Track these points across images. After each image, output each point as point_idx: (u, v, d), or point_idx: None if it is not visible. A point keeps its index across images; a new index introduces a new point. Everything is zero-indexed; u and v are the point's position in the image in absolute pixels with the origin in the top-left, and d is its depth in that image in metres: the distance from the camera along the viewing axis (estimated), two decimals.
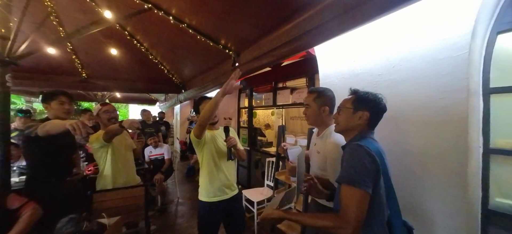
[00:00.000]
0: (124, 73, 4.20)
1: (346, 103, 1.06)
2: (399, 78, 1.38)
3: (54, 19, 2.47)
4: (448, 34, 1.18)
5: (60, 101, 1.67)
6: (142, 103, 9.06)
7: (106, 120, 1.83)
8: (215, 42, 2.51)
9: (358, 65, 1.61)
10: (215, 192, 1.58)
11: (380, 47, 1.48)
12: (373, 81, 1.51)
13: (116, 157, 1.81)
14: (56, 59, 3.24)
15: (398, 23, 1.39)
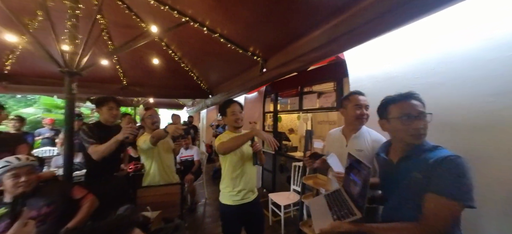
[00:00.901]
0: (158, 80, 4.56)
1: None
2: (438, 80, 1.32)
3: (105, 35, 2.83)
4: (498, 32, 1.11)
5: (109, 107, 1.90)
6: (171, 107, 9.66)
7: (150, 124, 2.04)
8: (244, 49, 2.63)
9: (392, 68, 1.57)
10: (238, 195, 1.61)
11: (416, 48, 1.43)
12: (409, 84, 1.46)
13: (161, 158, 2.00)
14: (103, 69, 3.67)
15: (437, 22, 1.33)
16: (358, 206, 0.95)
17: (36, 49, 1.83)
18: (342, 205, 1.03)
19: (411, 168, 0.92)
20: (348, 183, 1.15)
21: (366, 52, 1.76)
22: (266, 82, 2.82)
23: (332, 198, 1.16)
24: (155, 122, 2.06)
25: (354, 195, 1.03)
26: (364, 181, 0.94)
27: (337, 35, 1.61)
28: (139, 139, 1.97)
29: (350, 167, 1.18)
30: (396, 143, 1.06)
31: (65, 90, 1.79)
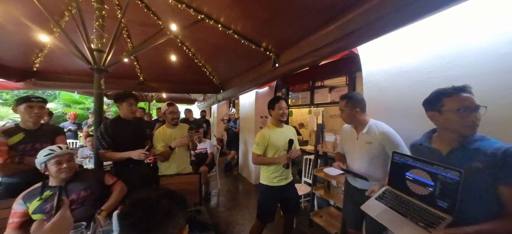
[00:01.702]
0: (173, 76, 4.72)
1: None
2: (453, 74, 1.34)
3: (125, 33, 2.98)
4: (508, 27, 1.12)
5: (129, 103, 2.02)
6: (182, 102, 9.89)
7: (171, 119, 2.19)
8: (257, 45, 2.70)
9: (405, 62, 1.60)
10: (274, 179, 1.91)
11: (430, 41, 1.45)
12: (423, 78, 1.49)
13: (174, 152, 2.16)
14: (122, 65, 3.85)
15: (451, 15, 1.35)
16: (442, 208, 0.94)
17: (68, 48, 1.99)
18: (419, 210, 1.00)
19: (467, 158, 0.95)
20: (402, 183, 1.12)
21: (380, 47, 1.79)
22: (278, 77, 2.88)
23: (393, 202, 1.10)
24: (175, 118, 2.21)
25: (425, 197, 1.01)
26: (456, 184, 0.90)
27: (351, 30, 1.64)
28: (157, 131, 2.13)
29: (403, 166, 1.14)
30: (446, 134, 1.06)
31: (95, 86, 1.95)
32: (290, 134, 1.99)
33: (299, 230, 2.72)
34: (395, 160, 1.19)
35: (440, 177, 0.96)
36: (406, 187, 1.11)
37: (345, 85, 2.86)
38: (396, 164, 1.18)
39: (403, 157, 1.15)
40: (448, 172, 0.93)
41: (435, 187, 0.97)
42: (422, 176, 1.04)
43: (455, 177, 0.90)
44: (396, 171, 1.17)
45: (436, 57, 1.42)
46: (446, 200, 0.93)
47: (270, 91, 4.35)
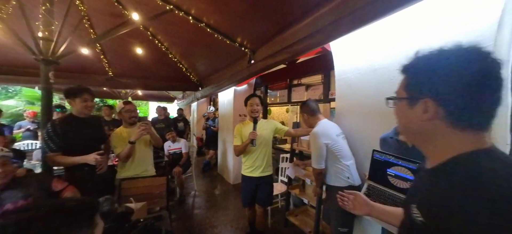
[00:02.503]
0: (146, 71, 4.44)
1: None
2: None
3: (86, 22, 2.70)
4: (473, 25, 1.14)
5: (83, 99, 1.80)
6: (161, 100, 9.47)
7: (128, 118, 2.00)
8: (232, 40, 2.59)
9: (375, 60, 1.59)
10: (247, 169, 2.18)
11: (397, 40, 1.45)
12: (391, 76, 1.49)
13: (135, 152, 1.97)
14: (86, 59, 3.53)
15: (418, 14, 1.35)
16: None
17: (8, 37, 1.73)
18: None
19: None
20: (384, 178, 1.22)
21: (351, 45, 1.77)
22: (255, 74, 2.80)
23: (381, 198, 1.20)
24: (133, 117, 2.02)
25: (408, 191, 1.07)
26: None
27: (322, 26, 1.60)
28: (113, 133, 1.95)
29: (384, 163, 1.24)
30: None
31: (41, 80, 1.71)
32: (265, 126, 2.17)
33: (275, 229, 2.68)
34: (376, 157, 1.28)
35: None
36: (388, 182, 1.21)
37: (321, 83, 2.85)
38: (376, 161, 1.29)
39: (384, 155, 1.25)
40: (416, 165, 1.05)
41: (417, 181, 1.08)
42: (403, 172, 1.15)
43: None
44: (377, 168, 1.27)
45: (403, 55, 1.41)
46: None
47: (249, 89, 4.26)
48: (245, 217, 2.92)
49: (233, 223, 2.85)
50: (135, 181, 1.94)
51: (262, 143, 2.11)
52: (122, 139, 1.92)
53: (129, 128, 2.01)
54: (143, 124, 1.88)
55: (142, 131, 1.87)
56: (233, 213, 3.12)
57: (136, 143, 1.92)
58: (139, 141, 1.96)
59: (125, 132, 1.97)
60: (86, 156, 1.70)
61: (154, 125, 4.66)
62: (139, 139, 1.91)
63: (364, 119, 1.67)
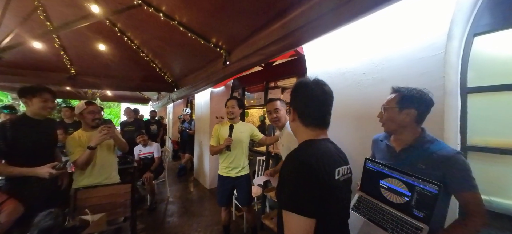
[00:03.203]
0: (115, 70, 4.14)
1: (390, 102, 1.07)
2: (381, 77, 1.41)
3: (41, 13, 2.42)
4: (426, 34, 1.23)
5: (44, 98, 1.61)
6: (134, 102, 8.93)
7: (90, 120, 1.81)
8: (206, 40, 2.51)
9: (343, 65, 1.64)
10: (224, 169, 2.20)
11: (364, 46, 1.52)
12: (358, 80, 1.55)
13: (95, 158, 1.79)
14: (43, 55, 3.17)
15: (381, 23, 1.43)
16: (419, 218, 0.93)
17: None
18: (397, 221, 0.98)
19: (414, 158, 1.01)
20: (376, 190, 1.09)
21: (321, 49, 1.82)
22: (230, 75, 2.75)
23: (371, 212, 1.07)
24: (96, 119, 1.83)
25: (401, 206, 0.99)
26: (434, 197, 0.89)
27: (293, 29, 1.62)
28: (70, 137, 1.75)
29: (377, 173, 1.10)
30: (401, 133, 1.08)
31: None
32: (242, 129, 2.20)
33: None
34: (368, 166, 1.15)
35: (418, 189, 0.94)
36: (380, 195, 1.08)
37: None
38: (369, 171, 1.15)
39: (377, 165, 1.11)
40: (426, 184, 0.92)
41: (411, 197, 0.95)
42: (397, 185, 1.02)
43: (434, 190, 0.89)
44: (369, 178, 1.14)
45: (368, 60, 1.49)
46: (422, 211, 0.92)
47: (227, 90, 4.19)
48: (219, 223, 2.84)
49: (207, 229, 2.75)
50: (93, 190, 1.75)
51: (238, 145, 2.16)
52: (80, 144, 1.72)
53: (89, 132, 1.81)
54: (105, 127, 1.71)
55: (104, 135, 1.69)
56: (208, 219, 3.01)
57: (97, 149, 1.74)
58: (100, 146, 1.78)
59: (84, 136, 1.77)
60: (38, 168, 1.49)
61: (123, 128, 4.35)
62: (100, 144, 1.73)
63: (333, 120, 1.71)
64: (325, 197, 0.69)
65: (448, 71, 1.20)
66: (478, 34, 1.31)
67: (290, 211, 0.66)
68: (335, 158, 0.79)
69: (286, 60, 2.82)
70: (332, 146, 0.84)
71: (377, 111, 1.44)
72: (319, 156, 0.73)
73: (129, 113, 4.46)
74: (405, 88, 1.05)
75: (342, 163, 0.82)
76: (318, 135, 0.82)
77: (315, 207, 0.66)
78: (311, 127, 0.82)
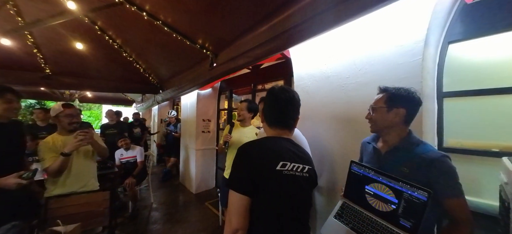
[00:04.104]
0: (95, 70, 3.95)
1: (378, 102, 1.04)
2: (364, 81, 1.45)
3: (12, 8, 2.24)
4: (405, 41, 1.27)
5: (7, 99, 1.48)
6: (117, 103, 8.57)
7: (67, 124, 1.69)
8: (192, 41, 2.46)
9: (328, 68, 1.67)
10: (227, 170, 2.21)
11: (348, 51, 1.55)
12: (342, 83, 1.58)
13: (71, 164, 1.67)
14: (14, 53, 2.95)
15: (364, 28, 1.47)
16: (405, 228, 0.85)
17: None
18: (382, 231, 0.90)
19: (398, 160, 0.97)
20: (361, 196, 1.01)
21: (307, 52, 1.84)
22: (217, 78, 2.71)
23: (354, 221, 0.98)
24: (73, 123, 1.71)
25: (387, 214, 0.91)
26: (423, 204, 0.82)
27: (280, 31, 1.63)
28: (43, 141, 1.62)
29: (362, 178, 1.02)
30: (387, 135, 1.05)
31: None
32: (247, 135, 2.13)
33: None
34: (354, 170, 1.06)
35: (405, 195, 0.86)
36: (365, 202, 0.99)
37: None
38: (354, 174, 1.05)
39: (363, 169, 1.02)
40: (415, 191, 0.84)
41: (398, 204, 0.88)
42: (384, 191, 0.93)
43: (423, 197, 0.82)
44: (354, 183, 1.05)
45: (351, 64, 1.52)
46: (410, 220, 0.85)
47: (214, 92, 4.13)
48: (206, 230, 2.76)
49: None
50: (68, 198, 1.63)
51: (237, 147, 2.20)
52: (53, 149, 1.58)
53: (65, 136, 1.69)
54: (81, 133, 1.60)
55: (80, 142, 1.57)
56: (194, 225, 2.91)
57: (72, 155, 1.62)
58: (77, 152, 1.66)
59: (59, 141, 1.64)
60: (2, 179, 1.35)
61: (104, 131, 4.14)
62: (76, 150, 1.61)
63: (318, 124, 1.73)
64: (260, 181, 0.80)
65: (425, 76, 1.25)
66: (452, 42, 1.38)
67: (229, 188, 0.80)
68: (284, 153, 0.86)
69: (273, 63, 2.83)
70: (288, 144, 0.92)
71: (361, 114, 1.48)
72: (265, 148, 0.86)
73: (111, 115, 4.25)
74: (392, 88, 1.03)
75: (297, 161, 0.88)
76: (280, 134, 0.93)
77: (248, 187, 0.79)
78: (274, 127, 0.94)
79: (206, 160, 4.09)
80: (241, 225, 0.77)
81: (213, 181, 4.26)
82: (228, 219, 0.80)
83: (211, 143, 4.15)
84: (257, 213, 0.80)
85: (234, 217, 0.78)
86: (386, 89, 1.05)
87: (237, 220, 0.77)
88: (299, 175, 0.87)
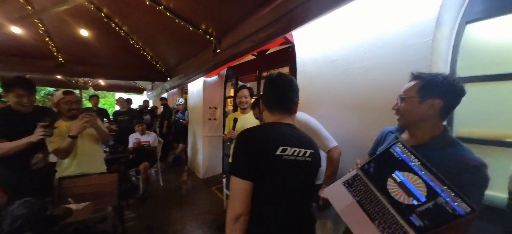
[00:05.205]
0: (105, 58, 4.05)
1: (410, 91, 0.89)
2: (370, 65, 1.37)
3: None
4: (416, 19, 1.18)
5: (17, 94, 1.55)
6: (129, 91, 8.81)
7: (66, 111, 1.75)
8: (195, 27, 2.43)
9: (333, 52, 1.60)
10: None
11: (354, 32, 1.47)
12: (347, 68, 1.51)
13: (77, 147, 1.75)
14: (28, 42, 3.07)
15: (371, 8, 1.37)
16: (414, 226, 0.77)
17: None
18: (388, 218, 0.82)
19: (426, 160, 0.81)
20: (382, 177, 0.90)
21: (310, 36, 1.76)
22: (221, 64, 2.68)
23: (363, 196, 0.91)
24: (73, 109, 1.76)
25: (401, 205, 0.82)
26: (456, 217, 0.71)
27: (283, 13, 1.56)
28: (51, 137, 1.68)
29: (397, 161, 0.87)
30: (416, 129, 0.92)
31: None
32: (251, 121, 2.05)
33: None
34: (394, 150, 0.89)
35: (440, 200, 0.74)
36: (383, 184, 0.88)
37: None
38: (389, 155, 0.89)
39: (408, 154, 0.85)
40: (457, 201, 0.71)
41: (424, 203, 0.77)
42: (415, 184, 0.81)
43: (461, 211, 0.70)
44: (384, 162, 0.91)
45: (357, 47, 1.44)
46: (424, 221, 0.76)
47: (220, 80, 4.12)
48: (211, 212, 2.87)
49: (198, 218, 2.77)
50: (78, 179, 1.73)
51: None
52: (58, 133, 1.66)
53: (69, 121, 1.77)
54: (86, 115, 1.66)
55: (85, 123, 1.65)
56: (200, 208, 3.03)
57: (78, 138, 1.70)
58: (82, 135, 1.74)
59: (64, 126, 1.72)
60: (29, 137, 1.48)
61: (116, 117, 4.30)
62: (81, 132, 1.69)
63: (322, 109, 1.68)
64: (262, 166, 0.79)
65: (435, 59, 1.16)
66: (471, 21, 1.26)
67: (232, 174, 0.80)
68: (284, 138, 0.85)
69: (278, 48, 2.76)
70: (288, 129, 0.90)
71: (367, 101, 1.42)
72: (266, 132, 0.86)
73: (122, 102, 4.40)
74: (428, 74, 0.86)
75: (298, 145, 0.87)
76: (280, 119, 0.92)
77: (250, 172, 0.79)
78: (275, 112, 0.93)
79: (212, 147, 4.17)
80: (243, 210, 0.78)
81: (219, 167, 4.35)
82: (231, 204, 0.80)
83: (217, 130, 4.21)
84: (259, 198, 0.80)
85: (236, 202, 0.78)
86: (419, 76, 0.88)
87: (239, 205, 0.77)
88: (301, 159, 0.87)
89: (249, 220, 0.79)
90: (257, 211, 0.81)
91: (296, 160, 0.85)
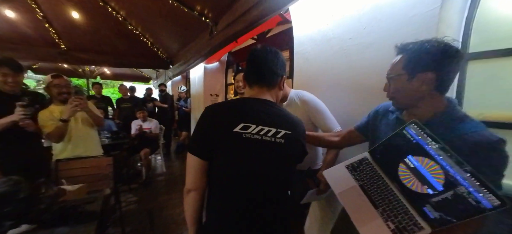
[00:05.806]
0: (107, 46, 4.03)
1: (395, 68, 0.78)
2: (367, 41, 1.25)
3: None
4: None
5: (1, 73, 1.55)
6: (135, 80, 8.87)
7: (56, 94, 1.74)
8: (190, 8, 2.34)
9: (330, 29, 1.47)
10: None
11: (352, 6, 1.33)
12: (344, 46, 1.39)
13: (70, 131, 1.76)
14: (27, 28, 3.08)
15: None
16: (427, 217, 0.69)
17: None
18: (395, 206, 0.74)
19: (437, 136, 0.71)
20: (393, 162, 0.81)
21: (307, 12, 1.63)
22: (218, 48, 2.60)
23: (368, 181, 0.84)
24: (63, 93, 1.75)
25: (413, 194, 0.73)
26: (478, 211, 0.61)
27: None
28: (41, 112, 1.68)
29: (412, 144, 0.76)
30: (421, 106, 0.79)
31: None
32: None
33: None
34: (408, 131, 0.78)
35: (461, 190, 0.63)
36: (394, 170, 0.79)
37: (288, 59, 2.73)
38: (403, 137, 0.79)
39: (424, 137, 0.73)
40: (484, 193, 0.60)
41: (441, 193, 0.67)
42: (430, 171, 0.71)
43: (488, 204, 0.59)
44: (396, 146, 0.81)
45: (355, 23, 1.32)
46: (440, 213, 0.66)
47: (221, 67, 4.05)
48: None
49: None
50: (74, 161, 1.76)
51: None
52: (51, 118, 1.67)
53: (61, 106, 1.77)
54: (76, 98, 1.66)
55: (75, 107, 1.65)
56: None
57: (71, 121, 1.71)
58: (75, 119, 1.75)
59: (56, 110, 1.73)
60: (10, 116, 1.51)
61: (119, 105, 4.36)
62: (72, 116, 1.69)
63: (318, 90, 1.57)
64: (216, 143, 0.74)
65: (444, 30, 1.03)
66: None
67: (188, 152, 0.78)
68: (250, 114, 0.77)
69: (279, 30, 2.63)
70: (260, 105, 0.80)
71: (364, 81, 1.31)
72: (225, 109, 0.82)
73: (124, 90, 4.44)
74: (414, 43, 0.75)
75: (267, 124, 0.76)
76: (257, 94, 0.84)
77: (202, 150, 0.75)
78: (253, 86, 0.85)
79: None
80: (193, 186, 0.78)
81: None
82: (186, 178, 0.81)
83: None
84: (214, 177, 0.78)
85: (188, 177, 0.78)
86: (404, 48, 0.77)
87: (189, 181, 0.78)
88: (268, 139, 0.75)
89: (202, 195, 0.80)
90: (214, 188, 0.79)
91: (262, 140, 0.74)
